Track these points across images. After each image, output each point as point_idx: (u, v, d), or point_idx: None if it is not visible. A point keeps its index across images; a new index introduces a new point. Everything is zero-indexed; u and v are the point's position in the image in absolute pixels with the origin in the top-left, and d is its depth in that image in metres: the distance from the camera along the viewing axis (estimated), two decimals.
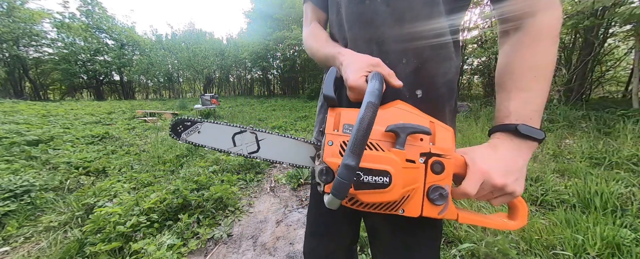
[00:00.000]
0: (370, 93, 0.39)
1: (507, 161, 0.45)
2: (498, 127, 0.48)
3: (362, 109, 0.38)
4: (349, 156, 0.36)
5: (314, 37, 0.65)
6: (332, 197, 0.38)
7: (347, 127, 0.46)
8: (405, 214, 0.46)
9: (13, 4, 15.39)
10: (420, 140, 0.45)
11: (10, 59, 17.00)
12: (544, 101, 0.46)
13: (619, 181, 2.17)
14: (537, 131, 0.45)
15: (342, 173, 0.36)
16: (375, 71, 0.47)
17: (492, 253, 1.44)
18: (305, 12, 0.71)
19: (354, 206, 0.45)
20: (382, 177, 0.41)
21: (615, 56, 8.64)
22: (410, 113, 0.47)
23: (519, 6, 0.47)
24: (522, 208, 0.50)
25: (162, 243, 1.59)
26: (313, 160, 0.59)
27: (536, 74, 0.46)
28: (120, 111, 8.48)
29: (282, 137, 0.60)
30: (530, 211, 1.87)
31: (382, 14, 0.53)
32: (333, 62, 0.57)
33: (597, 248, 1.39)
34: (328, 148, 0.44)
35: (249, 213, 2.14)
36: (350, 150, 0.36)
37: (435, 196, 0.44)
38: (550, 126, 4.39)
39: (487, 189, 0.45)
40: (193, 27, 22.12)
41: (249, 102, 12.58)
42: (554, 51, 0.46)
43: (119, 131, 5.18)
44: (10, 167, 2.65)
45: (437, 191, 0.44)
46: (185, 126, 0.60)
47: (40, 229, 1.81)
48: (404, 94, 0.56)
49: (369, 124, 0.37)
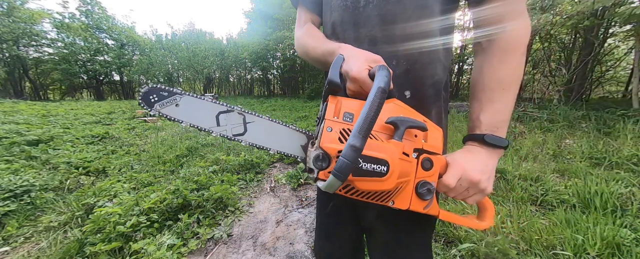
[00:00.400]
0: (380, 79, 0.40)
1: (481, 163, 0.51)
2: (470, 137, 0.55)
3: (372, 94, 0.38)
4: (357, 137, 0.36)
5: (311, 36, 0.66)
6: (333, 178, 0.37)
7: (347, 116, 0.46)
8: (395, 206, 0.48)
9: (13, 4, 15.38)
10: (415, 136, 0.48)
11: (10, 59, 17.00)
12: (511, 109, 0.52)
13: (619, 181, 2.17)
14: (502, 140, 0.51)
15: (347, 154, 0.36)
16: (379, 64, 0.48)
17: (492, 253, 1.44)
18: (299, 15, 0.72)
19: (348, 194, 0.45)
20: (381, 166, 0.42)
21: (615, 56, 8.64)
22: (407, 110, 0.49)
23: (490, 14, 0.52)
24: (490, 209, 0.56)
25: (162, 243, 1.59)
26: (304, 149, 0.58)
27: (504, 87, 0.52)
28: (120, 111, 8.48)
29: (273, 122, 0.58)
30: (530, 211, 1.87)
31: (374, 18, 0.56)
32: (333, 56, 0.57)
33: (597, 248, 1.39)
34: (327, 134, 0.45)
35: (249, 213, 2.14)
36: (358, 131, 0.36)
37: (423, 191, 0.47)
38: (550, 126, 4.39)
39: (464, 185, 0.50)
40: (193, 27, 22.10)
41: (249, 102, 12.59)
42: (522, 63, 0.52)
43: (119, 131, 5.18)
44: (10, 167, 2.65)
45: (425, 186, 0.47)
46: (161, 96, 0.53)
47: (40, 229, 1.81)
48: (393, 95, 0.58)
49: (379, 107, 0.37)
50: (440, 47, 0.57)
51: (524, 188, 2.22)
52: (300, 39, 0.67)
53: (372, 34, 0.57)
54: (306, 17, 0.70)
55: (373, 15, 0.56)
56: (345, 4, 0.59)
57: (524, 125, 4.71)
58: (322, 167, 0.44)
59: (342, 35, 0.61)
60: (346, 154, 0.36)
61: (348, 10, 0.59)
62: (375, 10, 0.56)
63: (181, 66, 19.46)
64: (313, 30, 0.68)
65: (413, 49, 0.56)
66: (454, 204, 1.99)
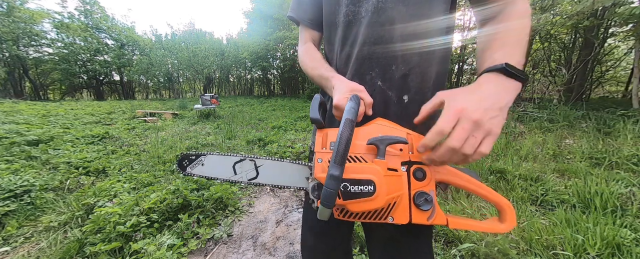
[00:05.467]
0: (347, 111, 0.44)
1: (489, 98, 0.43)
2: (485, 70, 0.47)
3: (341, 126, 0.42)
4: (333, 166, 0.40)
5: (310, 56, 0.71)
6: (322, 207, 0.40)
7: (332, 145, 0.50)
8: (395, 221, 0.48)
9: (13, 4, 15.38)
10: (400, 150, 0.49)
11: (10, 59, 16.98)
12: (522, 62, 0.47)
13: (619, 181, 2.18)
14: (522, 72, 0.45)
15: (328, 183, 0.39)
16: (353, 94, 0.52)
17: (492, 253, 1.44)
18: (301, 33, 0.76)
19: (345, 217, 0.48)
20: (367, 186, 0.44)
21: (615, 56, 8.64)
22: (389, 127, 0.52)
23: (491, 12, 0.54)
24: (510, 209, 0.51)
25: (162, 243, 1.59)
26: (308, 180, 0.62)
27: (518, 39, 0.49)
28: (120, 111, 8.48)
29: (279, 162, 0.63)
30: (530, 211, 1.87)
31: (373, 24, 0.59)
32: (325, 82, 0.63)
33: (597, 248, 1.39)
34: (318, 165, 0.48)
35: (249, 213, 2.14)
36: (334, 161, 0.40)
37: (420, 202, 0.47)
38: (550, 125, 4.39)
39: (467, 128, 0.41)
40: (193, 27, 22.13)
41: (249, 102, 12.58)
42: (529, 30, 0.51)
43: (119, 131, 5.18)
44: (10, 167, 2.65)
45: (421, 196, 0.47)
46: (190, 159, 0.65)
47: (40, 229, 1.81)
48: (392, 99, 0.61)
49: (348, 138, 0.41)
50: (437, 51, 0.59)
51: (524, 188, 2.22)
52: (301, 57, 0.73)
53: (370, 41, 0.60)
54: (307, 35, 0.74)
55: (372, 21, 0.59)
56: (346, 20, 0.63)
57: (524, 125, 4.71)
58: (318, 196, 0.46)
59: (340, 51, 0.66)
60: (328, 184, 0.39)
61: (344, 25, 0.63)
62: (374, 16, 0.59)
63: (181, 66, 19.46)
64: (312, 50, 0.72)
65: (412, 54, 0.58)
66: (455, 203, 1.99)
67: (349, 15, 0.62)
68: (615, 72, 9.38)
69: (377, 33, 0.59)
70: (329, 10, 0.68)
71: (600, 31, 6.50)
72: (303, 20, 0.74)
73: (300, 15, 0.73)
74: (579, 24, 5.65)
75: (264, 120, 6.88)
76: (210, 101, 7.45)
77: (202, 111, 7.30)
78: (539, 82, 8.11)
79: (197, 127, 5.92)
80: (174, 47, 19.26)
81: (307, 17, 0.73)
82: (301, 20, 0.74)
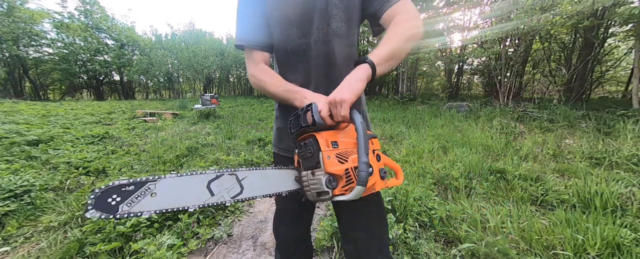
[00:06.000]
0: (360, 121, 0.57)
1: (347, 80, 0.63)
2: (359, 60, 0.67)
3: (361, 130, 0.55)
4: (364, 156, 0.53)
5: (269, 75, 0.78)
6: (360, 187, 0.52)
7: (334, 144, 0.59)
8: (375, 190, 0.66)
9: (13, 4, 15.36)
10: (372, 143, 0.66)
11: (10, 59, 16.95)
12: (390, 52, 0.67)
13: (619, 181, 2.18)
14: (369, 59, 0.64)
15: (364, 168, 0.52)
16: (354, 109, 0.62)
17: (492, 253, 1.44)
18: (251, 55, 0.80)
19: (365, 194, 0.58)
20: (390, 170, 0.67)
21: (615, 56, 8.64)
22: None
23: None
24: (400, 171, 0.76)
25: (162, 243, 1.59)
26: (298, 181, 0.64)
27: (393, 38, 0.69)
28: (120, 111, 8.48)
29: (264, 170, 0.60)
30: (530, 211, 1.87)
31: (317, 56, 0.78)
32: (294, 95, 0.72)
33: (597, 248, 1.39)
34: (328, 161, 0.56)
35: (249, 213, 2.14)
36: (365, 152, 0.53)
37: (382, 175, 0.65)
38: (550, 125, 4.39)
39: (334, 106, 0.60)
40: (193, 27, 22.09)
41: (249, 102, 12.58)
42: (402, 36, 0.70)
43: (119, 131, 5.18)
44: (10, 167, 2.65)
45: (383, 171, 0.67)
46: (124, 192, 0.40)
47: (40, 229, 1.81)
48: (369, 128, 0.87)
49: (366, 135, 0.55)
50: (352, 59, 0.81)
51: (524, 188, 2.22)
52: (258, 76, 0.78)
53: (316, 69, 0.78)
54: (258, 56, 0.80)
55: (315, 54, 0.77)
56: (296, 47, 0.78)
57: (524, 125, 4.71)
58: (335, 186, 0.56)
59: (293, 69, 0.80)
60: (363, 168, 0.52)
61: (295, 52, 0.78)
62: (316, 51, 0.77)
63: (181, 66, 19.44)
64: (269, 70, 0.80)
65: (348, 69, 0.71)
66: (455, 204, 1.99)
67: (302, 45, 0.77)
68: (615, 72, 9.39)
69: (325, 58, 0.77)
70: (283, 39, 0.80)
71: (600, 31, 6.50)
72: (257, 45, 0.79)
73: (251, 42, 0.79)
74: (579, 24, 5.65)
75: (264, 120, 6.88)
76: (210, 101, 7.44)
77: (202, 111, 7.29)
78: (539, 82, 8.11)
79: (197, 127, 5.92)
80: (174, 47, 19.23)
81: (261, 42, 0.79)
82: (255, 46, 0.79)
